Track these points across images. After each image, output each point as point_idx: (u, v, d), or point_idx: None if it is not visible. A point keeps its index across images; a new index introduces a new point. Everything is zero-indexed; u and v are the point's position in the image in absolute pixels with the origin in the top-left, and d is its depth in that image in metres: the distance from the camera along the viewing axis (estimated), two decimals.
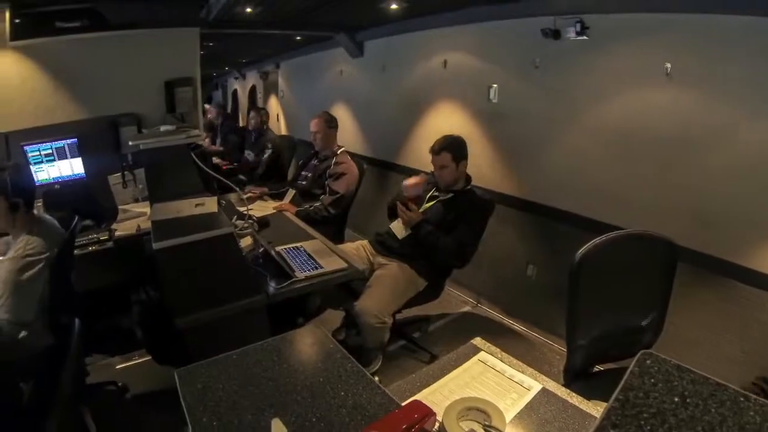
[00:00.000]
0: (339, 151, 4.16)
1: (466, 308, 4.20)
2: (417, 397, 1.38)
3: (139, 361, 3.60)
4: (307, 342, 1.74)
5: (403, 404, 1.24)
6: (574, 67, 3.28)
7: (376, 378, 3.03)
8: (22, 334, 2.27)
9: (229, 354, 1.68)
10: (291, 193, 4.29)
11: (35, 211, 2.63)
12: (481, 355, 1.59)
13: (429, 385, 1.47)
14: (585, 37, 3.12)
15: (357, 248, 3.47)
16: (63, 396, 1.28)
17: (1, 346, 1.51)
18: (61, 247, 2.56)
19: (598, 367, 2.25)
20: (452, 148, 3.20)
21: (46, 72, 4.19)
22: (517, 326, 3.78)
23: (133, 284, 3.28)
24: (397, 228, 3.34)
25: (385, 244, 3.42)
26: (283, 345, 1.75)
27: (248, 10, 4.28)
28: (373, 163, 5.29)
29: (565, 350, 2.08)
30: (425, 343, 3.64)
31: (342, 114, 5.92)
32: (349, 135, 5.75)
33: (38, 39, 4.10)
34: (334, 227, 4.01)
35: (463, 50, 4.16)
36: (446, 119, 4.41)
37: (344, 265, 2.72)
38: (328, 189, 4.00)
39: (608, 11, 3.02)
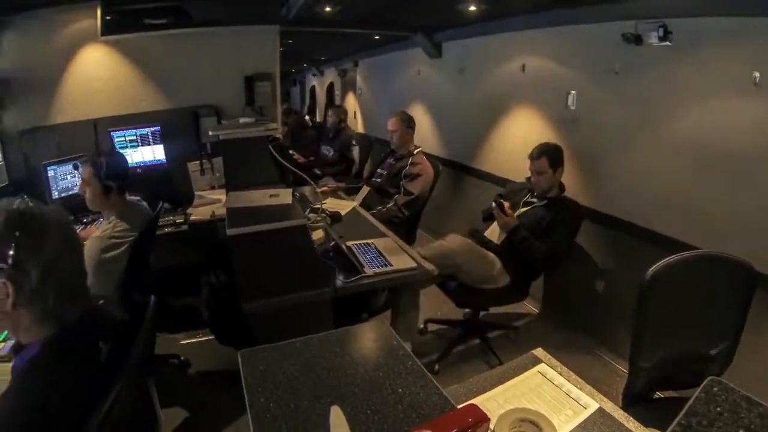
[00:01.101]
0: (415, 152, 4.18)
1: (532, 318, 4.11)
2: (472, 402, 1.37)
3: (202, 339, 3.75)
4: (371, 337, 1.75)
5: (459, 407, 1.23)
6: (654, 74, 3.12)
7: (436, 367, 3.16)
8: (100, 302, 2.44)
9: (293, 341, 1.70)
10: (366, 190, 4.34)
11: (127, 195, 2.81)
12: (541, 366, 1.55)
13: (486, 392, 1.45)
14: (668, 43, 2.94)
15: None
16: (133, 363, 1.35)
17: None
18: (145, 229, 2.73)
19: (658, 394, 2.13)
20: (550, 154, 3.27)
21: (133, 65, 4.45)
22: (581, 341, 3.65)
23: (204, 267, 3.41)
24: (493, 232, 3.38)
25: (480, 242, 3.45)
26: (347, 337, 1.76)
27: (327, 9, 4.34)
28: (448, 165, 5.22)
29: (626, 371, 2.00)
30: (496, 347, 3.58)
31: (419, 114, 5.88)
32: (425, 135, 5.72)
33: (126, 34, 4.38)
34: (405, 227, 4.02)
35: (542, 55, 4.05)
36: (523, 125, 4.30)
37: (413, 264, 2.71)
38: (402, 189, 4.02)
39: (693, 14, 2.83)
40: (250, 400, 1.43)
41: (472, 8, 3.96)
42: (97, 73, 4.36)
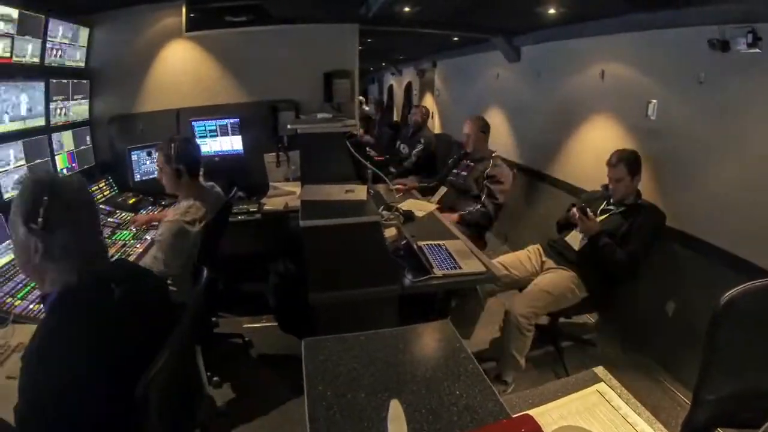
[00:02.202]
0: (493, 155, 4.16)
1: (596, 333, 3.92)
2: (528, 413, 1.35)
3: (266, 324, 3.88)
4: (435, 336, 1.75)
5: (513, 416, 1.22)
6: (742, 83, 2.87)
7: (511, 386, 3.08)
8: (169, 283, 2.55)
9: (357, 334, 1.73)
10: (443, 189, 4.33)
11: (201, 180, 2.92)
12: (600, 386, 1.49)
13: (542, 404, 1.41)
14: (757, 50, 2.68)
15: (528, 254, 3.51)
16: (181, 331, 1.43)
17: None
18: (217, 213, 2.84)
19: (719, 430, 2.01)
20: (629, 161, 3.21)
21: (215, 59, 4.63)
22: (643, 363, 3.45)
23: (273, 255, 3.51)
24: (574, 238, 3.32)
25: (558, 252, 3.41)
26: (411, 335, 1.77)
27: (406, 9, 4.35)
28: (522, 171, 5.15)
29: (688, 402, 1.87)
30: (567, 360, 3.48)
31: (495, 119, 5.84)
32: (501, 140, 5.64)
33: (209, 30, 4.57)
34: (477, 230, 3.99)
35: (622, 61, 3.88)
36: (600, 133, 4.16)
37: (483, 269, 2.67)
38: (487, 190, 4.00)
39: None
40: (309, 386, 1.47)
41: (552, 11, 3.87)
42: (180, 66, 4.60)
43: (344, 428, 1.31)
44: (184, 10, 4.43)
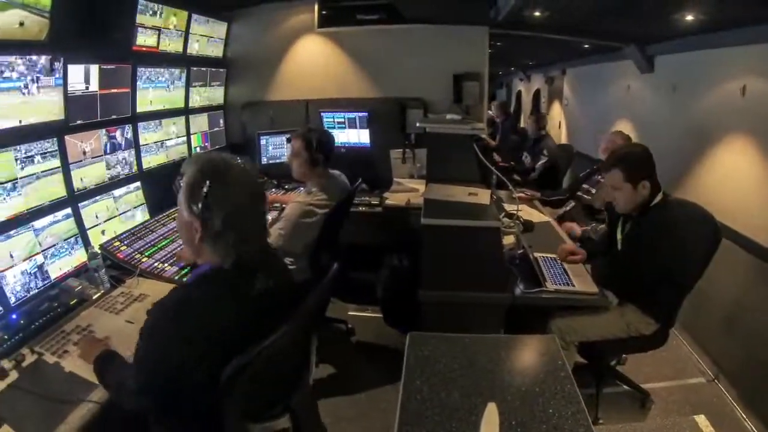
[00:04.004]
0: None
1: (699, 379, 3.32)
2: None
3: (370, 315, 4.00)
4: (539, 350, 1.75)
5: None
6: None
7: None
8: (288, 261, 2.70)
9: (462, 335, 1.78)
10: (571, 203, 4.21)
11: (329, 169, 3.07)
12: None
13: None
14: None
15: None
16: (302, 313, 1.50)
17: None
18: (340, 201, 2.95)
19: None
20: (627, 164, 2.52)
21: (345, 55, 4.80)
22: (752, 422, 2.87)
23: (388, 249, 3.59)
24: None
25: None
26: (514, 344, 1.80)
27: (536, 13, 4.25)
28: None
29: None
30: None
31: (625, 132, 5.58)
32: None
33: (340, 27, 4.75)
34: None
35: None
36: (738, 156, 3.71)
37: (595, 290, 2.54)
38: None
39: None
40: (406, 379, 1.54)
41: (689, 18, 3.55)
42: (311, 59, 4.84)
43: (433, 424, 1.35)
44: (316, 7, 4.68)
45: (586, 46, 6.07)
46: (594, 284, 2.57)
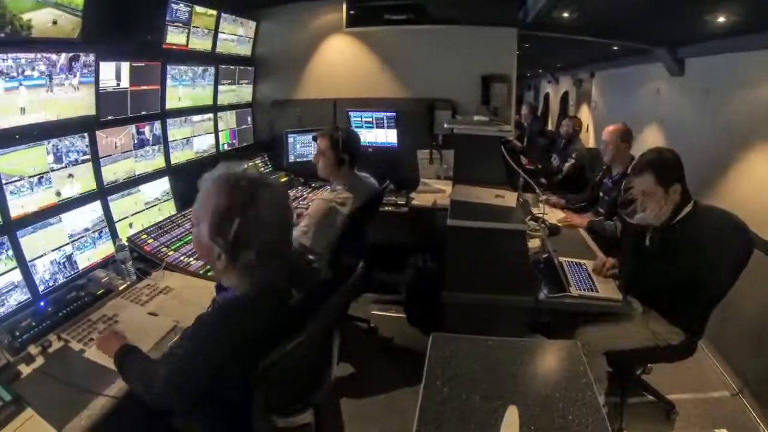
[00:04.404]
0: (629, 169, 3.79)
1: (723, 393, 3.22)
2: None
3: (393, 315, 3.99)
4: (561, 356, 1.73)
5: None
6: None
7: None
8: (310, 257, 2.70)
9: (485, 338, 1.77)
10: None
11: (356, 169, 3.08)
12: None
13: None
14: None
15: None
16: (325, 313, 1.50)
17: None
18: (366, 202, 2.96)
19: None
20: (658, 167, 2.45)
21: (373, 54, 4.80)
22: None
23: (414, 249, 3.60)
24: None
25: None
26: (537, 349, 1.79)
27: (565, 15, 4.22)
28: None
29: None
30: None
31: (653, 138, 5.46)
32: None
33: (368, 27, 4.75)
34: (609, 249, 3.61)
35: None
36: None
37: (619, 297, 2.47)
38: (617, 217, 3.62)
39: None
40: (427, 380, 1.54)
41: (721, 19, 3.47)
42: (339, 59, 4.86)
43: (452, 426, 1.35)
44: (344, 7, 4.69)
45: (615, 48, 5.97)
46: (618, 291, 2.52)
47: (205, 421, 1.53)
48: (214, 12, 3.84)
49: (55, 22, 2.32)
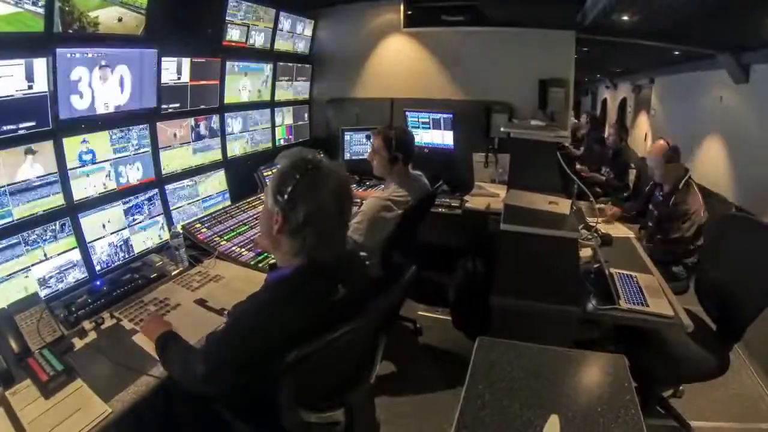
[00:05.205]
0: (681, 185, 3.69)
1: None
2: None
3: (440, 316, 4.00)
4: (605, 369, 1.70)
5: None
6: None
7: None
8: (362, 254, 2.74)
9: (531, 345, 1.77)
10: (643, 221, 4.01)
11: (410, 169, 3.12)
12: None
13: None
14: None
15: None
16: (373, 312, 1.50)
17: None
18: (419, 201, 3.00)
19: None
20: None
21: (431, 55, 4.82)
22: None
23: (464, 252, 3.58)
24: None
25: None
26: (582, 360, 1.75)
27: (625, 18, 4.13)
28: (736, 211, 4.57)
29: None
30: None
31: (714, 148, 5.33)
32: (716, 174, 5.14)
33: (425, 28, 4.78)
34: (663, 266, 3.45)
35: None
36: None
37: (670, 313, 2.37)
38: (666, 231, 3.68)
39: None
40: (469, 383, 1.55)
41: None
42: (396, 59, 4.91)
43: (489, 431, 1.35)
44: (402, 7, 4.73)
45: (677, 53, 5.80)
46: (670, 307, 2.42)
47: (238, 408, 1.59)
48: (272, 11, 3.95)
49: (120, 20, 2.48)
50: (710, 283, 2.74)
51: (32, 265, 2.19)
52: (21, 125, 2.12)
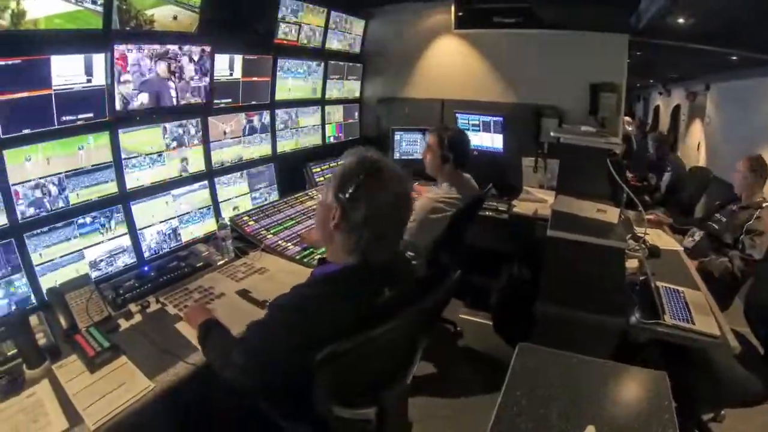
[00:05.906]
0: (765, 204, 3.49)
1: None
2: None
3: (480, 321, 3.99)
4: (646, 385, 1.66)
5: None
6: None
7: None
8: (409, 255, 2.76)
9: (572, 354, 1.76)
10: (697, 233, 3.84)
11: (462, 170, 3.17)
12: None
13: None
14: None
15: None
16: (414, 312, 1.49)
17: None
18: (468, 204, 3.03)
19: None
20: None
21: (482, 57, 4.80)
22: None
23: (510, 257, 3.55)
24: None
25: None
26: (623, 374, 1.72)
27: (680, 20, 4.00)
28: None
29: None
30: None
31: None
32: None
33: (477, 29, 4.75)
34: (722, 288, 3.24)
35: None
36: None
37: (717, 332, 2.27)
38: (741, 245, 3.41)
39: None
40: (507, 389, 1.56)
41: None
42: (447, 60, 4.91)
43: None
44: (453, 8, 4.72)
45: (734, 58, 5.54)
46: (717, 326, 2.32)
47: (273, 398, 1.61)
48: (324, 10, 4.03)
49: (175, 18, 2.61)
50: (761, 304, 2.66)
51: (85, 248, 2.35)
52: (80, 116, 2.28)
